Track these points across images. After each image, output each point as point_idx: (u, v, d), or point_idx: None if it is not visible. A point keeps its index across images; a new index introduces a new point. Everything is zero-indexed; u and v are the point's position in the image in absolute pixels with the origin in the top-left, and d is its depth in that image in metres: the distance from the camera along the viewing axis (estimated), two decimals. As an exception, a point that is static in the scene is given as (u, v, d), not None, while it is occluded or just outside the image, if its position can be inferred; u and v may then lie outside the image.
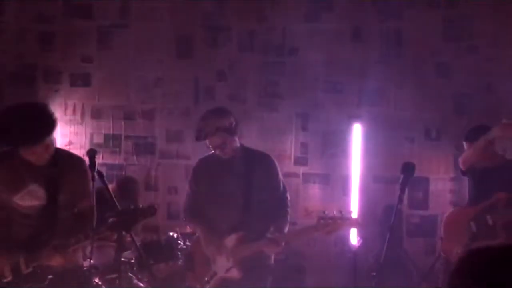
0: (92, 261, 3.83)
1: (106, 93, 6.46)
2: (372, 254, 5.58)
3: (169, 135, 6.40)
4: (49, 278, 3.62)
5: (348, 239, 5.88)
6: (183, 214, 4.73)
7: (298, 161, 6.29)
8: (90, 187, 3.60)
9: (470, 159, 4.87)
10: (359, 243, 5.68)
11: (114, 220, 3.44)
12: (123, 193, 5.21)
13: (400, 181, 3.78)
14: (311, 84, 6.27)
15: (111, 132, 6.44)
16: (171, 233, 5.06)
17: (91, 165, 3.48)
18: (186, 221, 4.82)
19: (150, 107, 6.43)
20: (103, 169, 4.31)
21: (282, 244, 4.27)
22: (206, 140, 4.33)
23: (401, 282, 5.34)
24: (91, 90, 6.48)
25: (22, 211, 3.65)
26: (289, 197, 4.57)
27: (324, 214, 4.18)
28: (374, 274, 3.68)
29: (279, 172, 4.55)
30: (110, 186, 3.66)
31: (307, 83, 6.27)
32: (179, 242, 5.00)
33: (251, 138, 5.90)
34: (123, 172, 6.36)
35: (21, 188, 3.63)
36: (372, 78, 6.08)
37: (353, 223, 4.31)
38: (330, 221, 4.14)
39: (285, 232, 4.38)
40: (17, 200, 3.63)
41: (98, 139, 6.42)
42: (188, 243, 4.91)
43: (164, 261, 4.94)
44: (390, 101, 6.17)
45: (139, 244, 4.04)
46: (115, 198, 3.52)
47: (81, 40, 6.46)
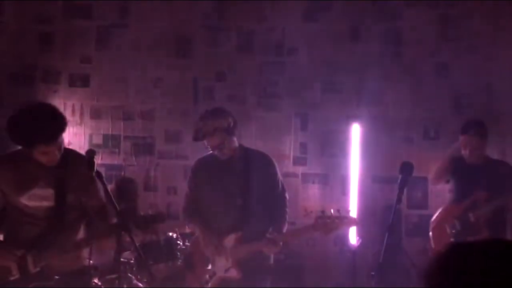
0: (91, 261, 3.84)
1: (105, 93, 6.45)
2: (371, 254, 5.58)
3: (168, 136, 6.40)
4: (56, 278, 3.64)
5: (347, 238, 5.88)
6: (182, 214, 4.74)
7: (297, 161, 6.29)
8: (98, 186, 3.61)
9: (440, 171, 5.30)
10: (358, 242, 5.69)
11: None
12: (122, 194, 5.21)
13: (399, 181, 3.79)
14: (310, 84, 6.27)
15: (110, 132, 6.43)
16: (171, 234, 5.06)
17: (90, 165, 3.49)
18: (185, 221, 4.82)
19: (149, 108, 6.42)
20: (102, 170, 4.32)
21: (281, 244, 4.28)
22: (204, 141, 4.34)
23: (400, 281, 5.34)
24: (90, 91, 6.47)
25: (30, 211, 3.66)
26: (288, 197, 4.58)
27: (323, 214, 4.18)
28: (373, 273, 3.69)
29: (278, 172, 4.55)
30: (109, 187, 3.66)
31: (306, 83, 6.27)
32: (179, 242, 5.00)
33: (250, 138, 5.91)
34: (122, 173, 6.35)
35: (29, 189, 3.64)
36: (371, 78, 6.09)
37: (351, 222, 4.31)
38: (329, 220, 4.15)
39: (284, 232, 4.39)
40: (24, 200, 3.64)
41: (97, 140, 6.41)
42: (187, 243, 4.92)
43: (163, 261, 4.94)
44: (389, 101, 6.17)
45: (138, 244, 4.03)
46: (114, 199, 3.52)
47: (80, 41, 6.46)
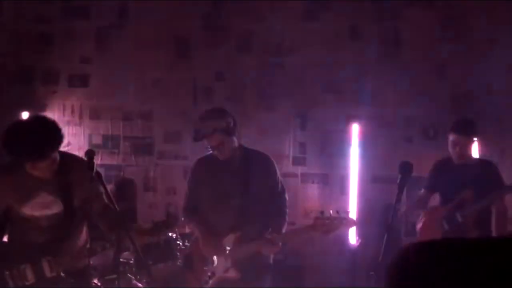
0: (91, 262, 3.84)
1: (104, 94, 6.45)
2: (370, 254, 5.58)
3: (168, 136, 6.40)
4: (71, 282, 3.66)
5: (347, 238, 5.89)
6: (182, 214, 4.73)
7: (296, 161, 6.29)
8: (101, 189, 3.60)
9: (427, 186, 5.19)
10: (358, 242, 5.69)
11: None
12: (122, 194, 5.21)
13: (398, 181, 3.79)
14: (309, 84, 6.27)
15: (110, 133, 6.43)
16: (170, 234, 5.05)
17: (90, 166, 3.48)
18: (185, 221, 4.82)
19: (148, 108, 6.42)
20: (101, 170, 4.31)
21: (280, 245, 4.28)
22: (204, 141, 4.33)
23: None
24: (89, 91, 6.47)
25: (35, 220, 3.67)
26: (287, 198, 4.58)
27: (321, 215, 4.19)
28: (372, 273, 3.69)
29: (278, 172, 4.55)
30: (108, 187, 3.67)
31: (305, 83, 6.27)
32: (178, 242, 4.99)
33: (249, 138, 5.89)
34: (121, 173, 6.35)
35: (29, 198, 3.64)
36: (370, 78, 6.09)
37: (350, 223, 4.31)
38: (327, 221, 4.15)
39: (283, 232, 4.39)
40: (27, 210, 3.65)
41: (96, 140, 6.41)
42: (187, 244, 4.91)
43: (163, 261, 4.93)
44: (388, 100, 6.17)
45: (137, 244, 4.02)
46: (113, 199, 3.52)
47: (79, 41, 6.46)
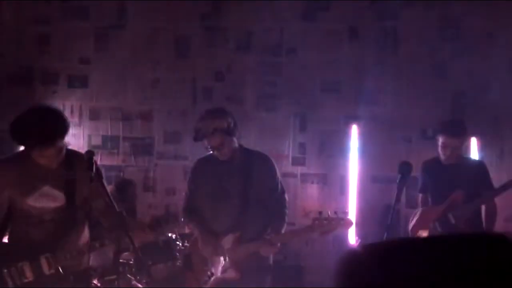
0: (90, 262, 3.84)
1: (104, 94, 6.45)
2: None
3: (167, 136, 6.40)
4: (72, 279, 3.66)
5: (347, 239, 5.89)
6: (182, 214, 4.73)
7: (296, 161, 6.29)
8: (100, 187, 3.60)
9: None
10: (358, 242, 5.69)
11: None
12: (121, 195, 5.21)
13: (398, 181, 3.79)
14: (309, 84, 6.27)
15: (109, 133, 6.43)
16: (170, 234, 5.06)
17: (89, 166, 3.48)
18: (184, 222, 4.82)
19: (147, 108, 6.42)
20: (101, 171, 4.31)
21: (278, 245, 4.28)
22: (204, 141, 4.33)
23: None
24: (89, 92, 6.47)
25: (36, 213, 3.67)
26: (287, 198, 4.58)
27: (320, 215, 4.19)
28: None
29: (277, 172, 4.55)
30: (108, 188, 3.67)
31: (304, 83, 6.28)
32: (178, 243, 5.01)
33: (249, 138, 5.89)
34: (121, 174, 6.35)
35: (34, 190, 3.65)
36: (369, 78, 6.09)
37: (348, 224, 4.31)
38: (325, 221, 4.16)
39: (282, 232, 4.39)
40: (31, 202, 3.65)
41: (96, 141, 6.41)
42: (186, 244, 4.91)
43: (162, 262, 4.94)
44: (387, 101, 6.17)
45: (137, 245, 4.02)
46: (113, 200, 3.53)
47: (78, 41, 6.45)
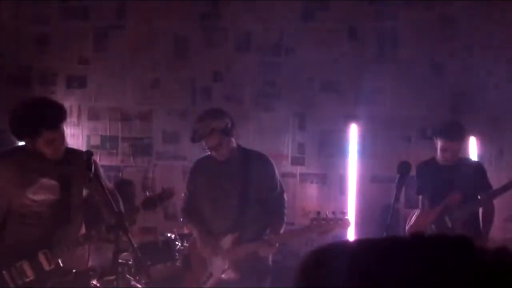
0: (89, 263, 3.84)
1: (103, 94, 6.45)
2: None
3: (166, 136, 6.39)
4: (73, 272, 3.67)
5: (346, 238, 5.87)
6: (180, 215, 4.73)
7: (295, 161, 6.28)
8: (99, 187, 3.62)
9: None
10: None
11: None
12: (120, 195, 5.20)
13: (397, 180, 3.79)
14: (308, 84, 6.27)
15: (108, 133, 6.42)
16: (169, 234, 5.05)
17: (88, 167, 3.48)
18: (183, 222, 4.82)
19: (146, 108, 6.42)
20: (100, 171, 4.30)
21: (277, 246, 4.27)
22: (202, 141, 4.33)
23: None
24: (88, 92, 6.46)
25: (36, 207, 3.67)
26: (286, 198, 4.58)
27: (318, 215, 4.20)
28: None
29: (276, 172, 4.55)
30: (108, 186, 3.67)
31: (303, 83, 6.27)
32: (177, 243, 5.00)
33: (248, 138, 5.89)
34: (120, 174, 6.35)
35: (34, 182, 3.66)
36: (368, 78, 6.08)
37: (346, 224, 4.30)
38: (323, 222, 4.16)
39: (281, 233, 4.39)
40: (30, 194, 3.66)
41: (95, 141, 6.40)
42: (185, 244, 4.91)
43: (161, 262, 4.93)
44: (386, 100, 6.17)
45: (136, 245, 4.02)
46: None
47: (77, 42, 6.45)
